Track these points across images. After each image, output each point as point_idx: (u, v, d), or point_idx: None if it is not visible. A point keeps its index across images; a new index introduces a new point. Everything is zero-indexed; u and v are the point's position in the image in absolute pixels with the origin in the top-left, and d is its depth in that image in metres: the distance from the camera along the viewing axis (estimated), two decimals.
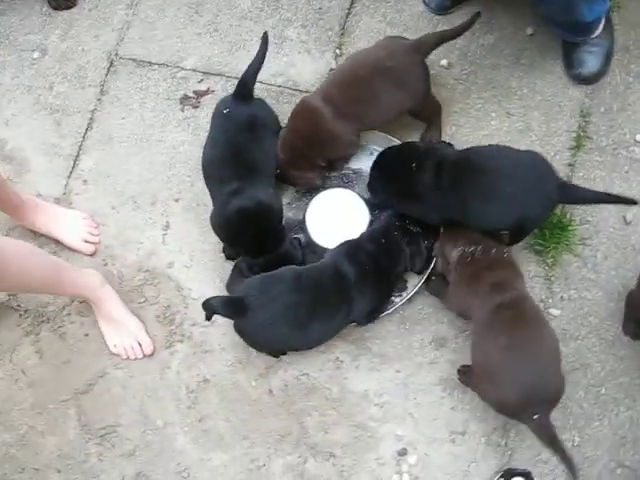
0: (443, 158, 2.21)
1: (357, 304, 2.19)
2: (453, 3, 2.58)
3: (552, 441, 1.95)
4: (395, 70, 2.24)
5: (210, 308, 2.12)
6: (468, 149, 2.28)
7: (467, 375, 2.20)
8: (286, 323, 2.14)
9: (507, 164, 2.13)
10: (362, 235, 2.27)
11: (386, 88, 2.25)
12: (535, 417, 1.90)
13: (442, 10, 2.59)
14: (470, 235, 2.13)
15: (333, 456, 2.26)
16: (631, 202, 2.15)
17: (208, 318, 2.15)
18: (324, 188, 2.43)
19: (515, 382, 1.93)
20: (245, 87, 2.29)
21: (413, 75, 2.28)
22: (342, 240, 2.27)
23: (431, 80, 2.34)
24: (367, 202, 2.37)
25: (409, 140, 2.42)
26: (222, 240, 2.37)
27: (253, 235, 2.24)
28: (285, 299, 2.13)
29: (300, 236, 2.39)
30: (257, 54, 2.30)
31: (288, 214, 2.43)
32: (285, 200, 2.45)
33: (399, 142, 2.39)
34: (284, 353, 2.32)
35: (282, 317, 2.13)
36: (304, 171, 2.37)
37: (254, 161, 2.27)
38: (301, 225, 2.40)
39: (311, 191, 2.44)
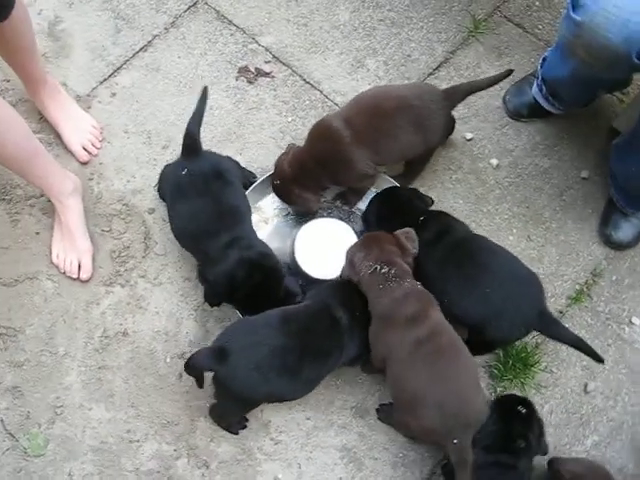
0: (450, 230, 2.16)
1: (348, 349, 2.06)
2: (529, 115, 2.57)
3: (464, 465, 1.93)
4: (419, 110, 2.22)
5: (194, 366, 1.97)
6: (479, 238, 2.22)
7: (386, 413, 2.19)
8: (273, 368, 1.95)
9: (501, 266, 2.09)
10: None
11: (406, 125, 2.22)
12: (455, 442, 1.91)
13: (516, 116, 2.58)
14: (385, 250, 2.04)
15: (206, 466, 2.15)
16: (598, 359, 2.10)
17: (198, 380, 2.02)
18: (322, 216, 2.38)
19: (439, 413, 1.92)
20: (194, 142, 2.20)
21: (435, 119, 2.26)
22: (330, 270, 2.19)
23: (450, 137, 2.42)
24: (357, 234, 2.28)
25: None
26: (217, 296, 2.17)
27: (255, 286, 2.09)
28: (272, 343, 1.96)
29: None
30: (197, 108, 2.19)
31: None
32: None
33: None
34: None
35: (268, 362, 1.95)
36: (306, 191, 2.29)
37: (236, 207, 2.16)
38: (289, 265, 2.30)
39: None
